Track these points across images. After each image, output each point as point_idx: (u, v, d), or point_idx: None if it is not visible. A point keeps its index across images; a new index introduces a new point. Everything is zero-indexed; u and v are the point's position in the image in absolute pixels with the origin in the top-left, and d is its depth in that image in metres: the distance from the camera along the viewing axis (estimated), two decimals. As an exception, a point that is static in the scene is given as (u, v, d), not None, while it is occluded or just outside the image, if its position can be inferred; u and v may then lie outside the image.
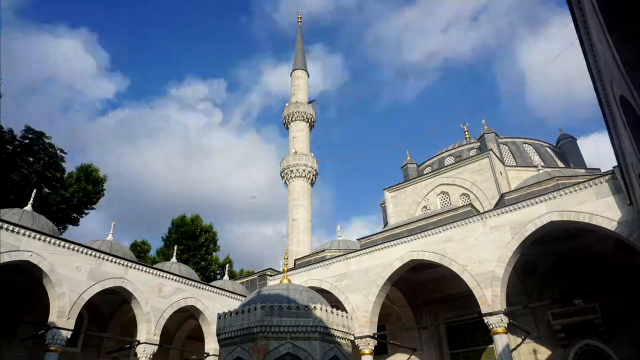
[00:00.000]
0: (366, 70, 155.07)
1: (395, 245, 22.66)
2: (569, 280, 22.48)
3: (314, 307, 11.52)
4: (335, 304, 20.90)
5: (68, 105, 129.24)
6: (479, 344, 24.36)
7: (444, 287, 24.66)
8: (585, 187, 18.09)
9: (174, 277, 24.07)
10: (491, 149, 33.21)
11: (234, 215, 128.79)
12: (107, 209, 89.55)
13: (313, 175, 46.87)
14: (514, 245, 18.99)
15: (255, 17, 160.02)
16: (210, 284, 27.66)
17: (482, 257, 19.59)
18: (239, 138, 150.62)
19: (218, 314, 12.30)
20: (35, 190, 24.87)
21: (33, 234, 18.36)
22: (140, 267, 22.66)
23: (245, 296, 25.82)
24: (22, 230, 18.01)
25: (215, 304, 25.36)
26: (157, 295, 22.78)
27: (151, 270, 23.13)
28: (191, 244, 48.32)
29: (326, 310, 11.76)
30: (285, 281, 13.75)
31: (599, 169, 28.20)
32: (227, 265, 43.12)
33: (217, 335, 12.02)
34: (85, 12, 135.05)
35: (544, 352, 22.06)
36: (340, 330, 11.94)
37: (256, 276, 33.07)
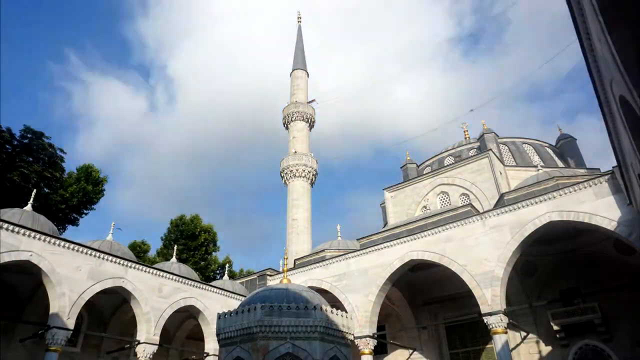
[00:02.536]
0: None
1: (394, 245, 22.68)
2: (569, 280, 22.49)
3: (314, 307, 11.53)
4: (335, 304, 20.91)
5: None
6: (479, 344, 24.36)
7: (443, 287, 24.66)
8: (585, 187, 18.11)
9: (174, 277, 24.07)
10: (491, 149, 33.22)
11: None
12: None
13: (313, 175, 46.88)
14: (513, 245, 19.01)
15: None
16: (210, 283, 27.67)
17: (481, 257, 19.61)
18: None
19: (218, 313, 12.31)
20: (35, 190, 24.86)
21: (33, 234, 18.36)
22: (140, 267, 22.66)
23: (245, 296, 25.82)
24: (22, 230, 18.01)
25: (215, 303, 25.36)
26: (157, 295, 22.78)
27: (151, 270, 23.13)
28: (191, 244, 48.30)
29: (326, 310, 11.77)
30: (285, 281, 13.76)
31: (599, 169, 28.21)
32: (227, 265, 43.15)
33: (217, 335, 12.02)
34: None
35: (544, 351, 22.07)
36: (340, 330, 11.95)
37: (256, 276, 33.10)
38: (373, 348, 22.09)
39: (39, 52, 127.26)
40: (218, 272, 50.42)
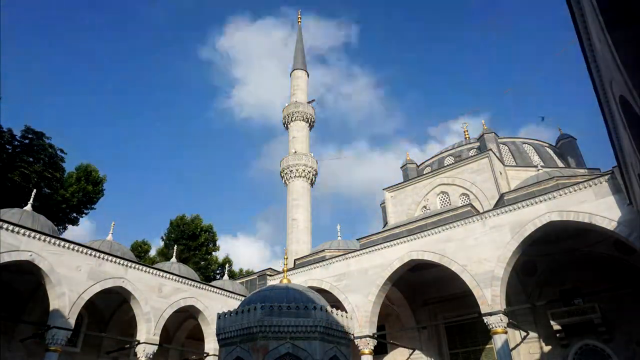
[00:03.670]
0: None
1: (394, 245, 22.68)
2: (569, 280, 22.50)
3: (314, 307, 11.53)
4: (335, 304, 20.93)
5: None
6: (479, 344, 24.37)
7: (443, 287, 24.65)
8: (585, 187, 18.11)
9: (174, 277, 24.07)
10: (491, 149, 33.18)
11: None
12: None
13: (313, 175, 46.88)
14: (513, 245, 19.01)
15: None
16: (210, 283, 27.68)
17: (481, 257, 19.60)
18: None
19: (218, 313, 12.32)
20: (35, 190, 24.86)
21: (33, 234, 18.37)
22: (140, 267, 22.67)
23: (245, 296, 25.83)
24: (22, 230, 18.02)
25: (215, 303, 25.36)
26: (157, 295, 22.78)
27: (151, 270, 23.14)
28: (191, 244, 48.34)
29: (326, 310, 11.77)
30: (285, 281, 13.76)
31: (599, 169, 28.19)
32: (227, 265, 43.17)
33: (217, 335, 12.02)
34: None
35: (544, 351, 22.07)
36: (340, 330, 11.95)
37: (256, 276, 33.13)
38: (373, 348, 22.08)
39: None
40: (218, 272, 50.47)
